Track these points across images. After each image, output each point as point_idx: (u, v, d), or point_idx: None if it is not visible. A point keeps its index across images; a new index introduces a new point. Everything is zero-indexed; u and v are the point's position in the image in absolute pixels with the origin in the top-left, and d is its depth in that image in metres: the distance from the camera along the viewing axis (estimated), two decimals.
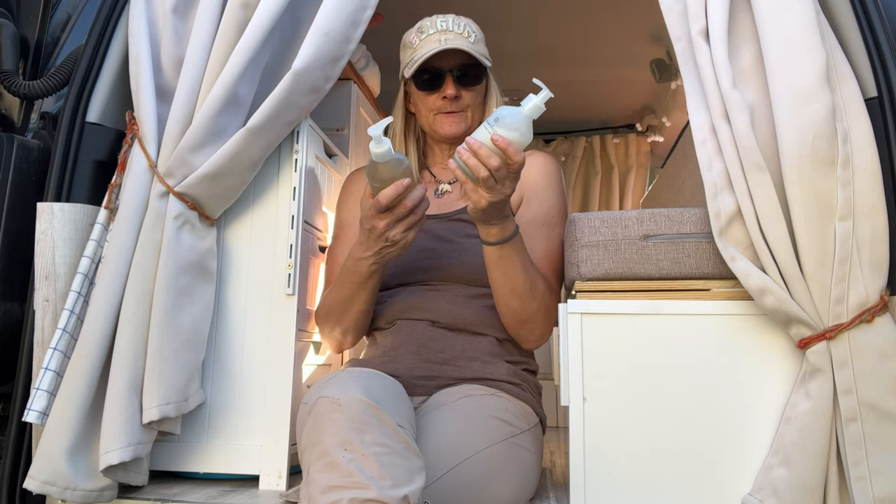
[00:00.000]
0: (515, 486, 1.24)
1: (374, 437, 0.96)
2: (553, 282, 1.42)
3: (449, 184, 1.53)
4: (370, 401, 1.01)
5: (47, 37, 1.60)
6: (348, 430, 0.96)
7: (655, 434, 1.24)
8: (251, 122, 1.34)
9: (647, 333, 1.26)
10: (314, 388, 1.10)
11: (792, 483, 1.14)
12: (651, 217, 1.29)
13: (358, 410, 0.98)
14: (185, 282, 1.33)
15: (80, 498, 1.22)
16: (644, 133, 3.82)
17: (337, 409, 0.98)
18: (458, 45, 1.41)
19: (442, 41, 1.41)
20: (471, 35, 1.44)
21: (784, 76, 1.20)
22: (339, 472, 0.92)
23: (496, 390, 1.33)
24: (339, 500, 0.89)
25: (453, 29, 1.43)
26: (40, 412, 1.24)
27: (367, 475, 0.91)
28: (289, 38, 1.45)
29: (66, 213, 1.35)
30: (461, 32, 1.43)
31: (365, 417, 0.98)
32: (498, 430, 1.25)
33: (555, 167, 1.50)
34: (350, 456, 0.93)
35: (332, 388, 1.02)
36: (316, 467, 0.94)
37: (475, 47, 1.44)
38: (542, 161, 1.50)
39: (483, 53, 1.46)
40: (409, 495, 0.92)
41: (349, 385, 1.03)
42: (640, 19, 2.61)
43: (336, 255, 1.52)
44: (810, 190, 1.16)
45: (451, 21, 1.45)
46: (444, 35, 1.43)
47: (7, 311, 1.36)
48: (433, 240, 1.44)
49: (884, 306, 1.16)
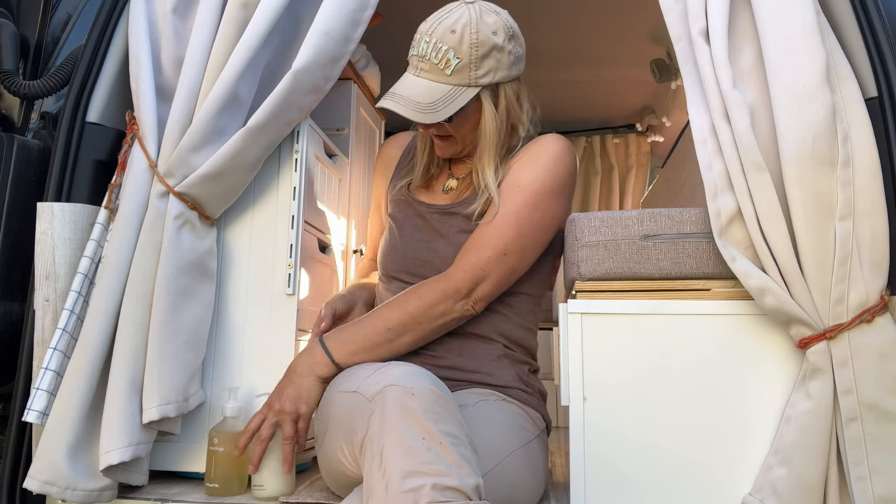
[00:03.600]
0: (529, 492, 1.24)
1: (447, 427, 0.96)
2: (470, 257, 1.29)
3: (457, 180, 1.47)
4: (440, 392, 1.01)
5: (47, 37, 1.60)
6: (424, 419, 0.95)
7: (655, 434, 1.24)
8: (251, 121, 1.34)
9: (648, 333, 1.26)
10: (360, 378, 1.07)
11: (792, 483, 1.14)
12: (651, 217, 1.29)
13: (430, 400, 0.98)
14: (185, 282, 1.33)
15: (80, 498, 1.22)
16: (644, 133, 3.82)
17: (411, 397, 0.97)
18: (408, 98, 1.29)
19: (417, 69, 1.32)
20: (450, 63, 1.29)
21: (784, 76, 1.20)
22: (419, 457, 0.91)
23: (506, 396, 1.33)
24: (422, 485, 0.88)
25: (430, 56, 1.30)
26: (40, 412, 1.24)
27: (447, 463, 0.91)
28: (289, 38, 1.45)
29: (66, 213, 1.35)
30: (438, 61, 1.29)
31: (437, 408, 0.98)
32: (517, 435, 1.24)
33: (549, 145, 1.37)
34: (428, 444, 0.93)
35: (400, 377, 1.01)
36: (392, 452, 0.92)
37: (449, 81, 1.29)
38: (539, 141, 1.39)
39: (464, 82, 1.30)
40: (480, 486, 0.93)
41: (419, 375, 1.03)
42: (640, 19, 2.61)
43: (369, 229, 1.67)
44: (810, 190, 1.16)
45: (434, 43, 1.30)
46: (420, 63, 1.32)
47: (7, 311, 1.36)
48: (430, 232, 1.41)
49: (884, 306, 1.16)
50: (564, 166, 1.36)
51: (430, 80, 1.31)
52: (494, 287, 1.30)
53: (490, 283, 1.29)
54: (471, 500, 0.90)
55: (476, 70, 1.31)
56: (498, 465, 1.15)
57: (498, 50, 1.32)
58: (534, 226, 1.32)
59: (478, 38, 1.30)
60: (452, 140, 1.39)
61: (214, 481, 1.27)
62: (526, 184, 1.33)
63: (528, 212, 1.31)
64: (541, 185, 1.33)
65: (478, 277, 1.28)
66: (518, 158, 1.38)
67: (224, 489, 1.27)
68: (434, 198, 1.47)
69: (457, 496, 0.89)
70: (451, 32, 1.29)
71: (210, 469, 1.28)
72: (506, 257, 1.29)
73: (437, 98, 1.30)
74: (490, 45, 1.31)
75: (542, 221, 1.33)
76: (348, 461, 1.07)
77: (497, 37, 1.32)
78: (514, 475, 1.19)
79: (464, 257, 1.30)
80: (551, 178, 1.34)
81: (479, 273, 1.28)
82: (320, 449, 1.21)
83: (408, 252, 1.41)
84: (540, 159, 1.35)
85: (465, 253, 1.30)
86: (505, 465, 1.17)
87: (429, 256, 1.39)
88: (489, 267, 1.28)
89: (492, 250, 1.28)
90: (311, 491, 1.31)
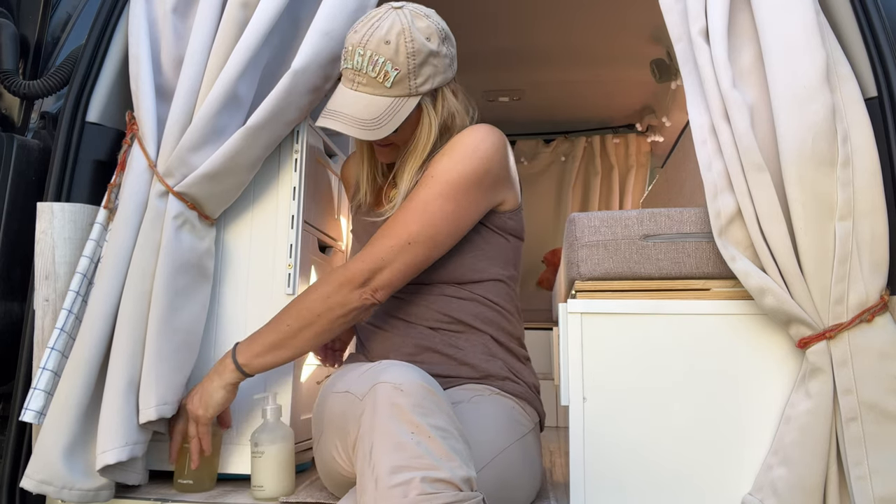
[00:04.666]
0: (526, 487, 1.24)
1: (436, 422, 0.96)
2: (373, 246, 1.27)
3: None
4: (430, 386, 1.01)
5: (47, 37, 1.60)
6: (412, 414, 0.95)
7: (655, 434, 1.24)
8: (251, 121, 1.34)
9: (647, 333, 1.26)
10: (352, 378, 1.08)
11: (792, 483, 1.14)
12: (651, 217, 1.29)
13: (420, 395, 0.98)
14: (183, 282, 1.33)
15: (76, 497, 1.22)
16: (644, 133, 3.82)
17: (399, 393, 0.97)
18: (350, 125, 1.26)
19: (354, 83, 1.28)
20: (389, 76, 1.25)
21: (784, 76, 1.20)
22: (407, 453, 0.91)
23: (499, 390, 1.33)
24: (411, 479, 0.88)
25: (367, 70, 1.26)
26: (37, 412, 1.24)
27: (436, 457, 0.91)
28: (289, 37, 1.45)
29: (65, 213, 1.35)
30: (376, 75, 1.26)
31: (426, 402, 0.97)
32: (512, 430, 1.24)
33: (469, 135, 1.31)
34: (417, 438, 0.93)
35: (389, 374, 1.01)
36: (381, 449, 0.92)
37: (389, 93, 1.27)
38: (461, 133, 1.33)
39: (404, 92, 1.27)
40: (472, 478, 0.93)
41: (408, 371, 1.02)
42: (640, 19, 2.61)
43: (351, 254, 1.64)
44: (810, 190, 1.16)
45: (369, 56, 1.25)
46: (357, 76, 1.27)
47: (7, 311, 1.36)
48: None
49: (884, 306, 1.16)
50: (483, 154, 1.30)
51: (371, 94, 1.27)
52: (398, 276, 1.27)
53: (392, 271, 1.26)
54: (461, 492, 0.90)
55: (415, 79, 1.28)
56: (493, 461, 1.15)
57: (434, 55, 1.29)
58: (446, 216, 1.27)
59: (413, 47, 1.26)
60: (394, 147, 1.38)
61: (188, 477, 1.31)
62: (439, 173, 1.28)
63: (440, 202, 1.27)
64: (457, 174, 1.28)
65: (376, 266, 1.25)
66: (441, 151, 1.34)
67: (197, 485, 1.31)
68: (381, 209, 1.43)
69: (447, 488, 0.89)
70: (386, 43, 1.25)
71: (183, 466, 1.31)
72: (411, 246, 1.26)
73: (380, 113, 1.27)
74: (426, 52, 1.27)
75: (455, 211, 1.28)
76: (343, 461, 1.08)
77: (431, 42, 1.28)
78: (511, 470, 1.19)
79: (366, 247, 1.28)
80: (469, 168, 1.29)
81: (379, 262, 1.25)
82: (317, 450, 1.21)
83: None
84: (456, 150, 1.31)
85: (369, 243, 1.28)
86: (500, 460, 1.17)
87: None
88: (390, 255, 1.25)
89: (395, 239, 1.26)
90: (311, 491, 1.31)
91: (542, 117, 3.75)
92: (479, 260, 1.35)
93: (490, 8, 2.46)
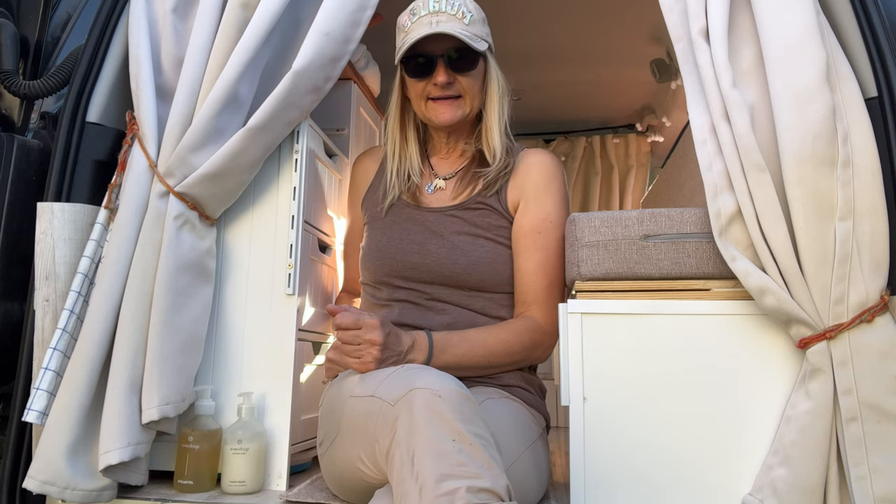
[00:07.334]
0: (534, 493, 1.25)
1: (475, 429, 0.96)
2: (544, 295, 1.38)
3: (444, 179, 1.48)
4: (466, 393, 1.00)
5: (47, 37, 1.60)
6: (453, 420, 0.94)
7: (655, 434, 1.24)
8: (251, 121, 1.34)
9: (648, 333, 1.26)
10: (376, 382, 1.07)
11: (792, 483, 1.14)
12: (651, 217, 1.29)
13: (457, 402, 0.97)
14: (184, 282, 1.33)
15: (79, 498, 1.22)
16: (644, 133, 3.82)
17: (438, 399, 0.96)
18: (447, 29, 1.33)
19: (433, 23, 1.34)
20: (465, 16, 1.36)
21: (784, 76, 1.20)
22: (451, 460, 0.90)
23: (509, 394, 1.33)
24: (457, 488, 0.87)
25: (446, 9, 1.35)
26: (40, 412, 1.24)
27: (478, 464, 0.91)
28: (289, 38, 1.45)
29: (66, 213, 1.35)
30: (455, 13, 1.35)
31: (464, 409, 0.97)
32: (524, 436, 1.24)
33: (555, 167, 1.44)
34: (459, 446, 0.92)
35: (425, 380, 1.00)
36: (425, 456, 0.91)
37: (470, 29, 1.36)
38: (542, 161, 1.44)
39: (480, 35, 1.39)
40: (510, 487, 0.93)
41: (443, 377, 1.02)
42: (640, 19, 2.61)
43: (347, 262, 1.65)
44: (810, 190, 1.16)
45: (445, 1, 1.37)
46: (435, 17, 1.35)
47: (7, 311, 1.36)
48: (423, 232, 1.41)
49: (884, 306, 1.16)
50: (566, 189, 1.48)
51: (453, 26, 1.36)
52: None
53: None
54: (503, 502, 0.89)
55: (484, 27, 1.42)
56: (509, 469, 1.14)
57: (486, 23, 1.43)
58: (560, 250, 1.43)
59: (476, 6, 1.42)
60: (461, 101, 1.42)
61: (188, 478, 1.31)
62: (555, 218, 1.41)
63: (560, 244, 1.42)
64: (564, 214, 1.43)
65: (555, 318, 1.36)
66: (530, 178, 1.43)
67: (197, 486, 1.31)
68: (423, 199, 1.45)
69: (491, 497, 0.88)
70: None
71: (183, 466, 1.31)
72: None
73: (471, 32, 1.37)
74: (483, 15, 1.42)
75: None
76: (368, 467, 1.06)
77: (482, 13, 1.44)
78: (522, 476, 1.18)
79: (542, 301, 1.38)
80: (567, 205, 1.46)
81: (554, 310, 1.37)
82: (326, 453, 1.20)
83: (398, 255, 1.40)
84: (555, 188, 1.43)
85: (540, 296, 1.39)
86: (513, 467, 1.16)
87: (420, 259, 1.38)
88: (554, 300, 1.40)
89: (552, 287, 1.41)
90: (311, 491, 1.31)
91: (542, 117, 3.75)
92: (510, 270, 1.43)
93: (490, 8, 2.46)
